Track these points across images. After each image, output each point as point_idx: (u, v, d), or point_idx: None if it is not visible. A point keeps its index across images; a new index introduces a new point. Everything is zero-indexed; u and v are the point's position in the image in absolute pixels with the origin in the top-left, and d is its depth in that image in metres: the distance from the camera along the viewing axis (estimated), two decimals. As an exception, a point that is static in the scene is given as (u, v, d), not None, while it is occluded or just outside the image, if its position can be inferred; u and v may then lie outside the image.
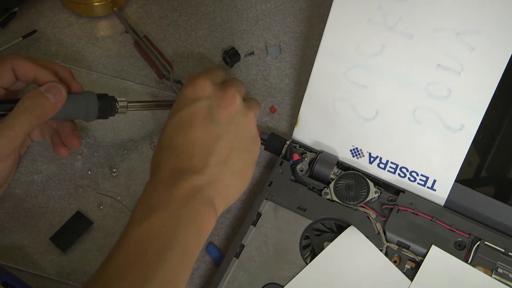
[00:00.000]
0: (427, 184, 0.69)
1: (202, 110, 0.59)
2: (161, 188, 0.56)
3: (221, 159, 0.59)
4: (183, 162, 0.57)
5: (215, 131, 0.59)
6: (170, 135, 0.59)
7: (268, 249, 0.66)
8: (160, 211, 0.54)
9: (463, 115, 0.65)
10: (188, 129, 0.58)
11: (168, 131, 0.59)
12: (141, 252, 0.52)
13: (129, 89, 0.78)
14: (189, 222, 0.55)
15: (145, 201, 0.56)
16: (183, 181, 0.56)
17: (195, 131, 0.58)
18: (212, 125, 0.59)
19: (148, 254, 0.52)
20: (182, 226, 0.54)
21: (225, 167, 0.59)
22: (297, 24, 0.83)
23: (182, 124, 0.59)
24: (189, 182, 0.56)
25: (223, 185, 0.58)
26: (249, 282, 0.64)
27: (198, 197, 0.56)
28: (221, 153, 0.59)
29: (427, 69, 0.64)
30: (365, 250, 0.65)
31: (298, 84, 0.79)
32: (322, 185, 0.69)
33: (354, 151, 0.71)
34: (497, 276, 0.64)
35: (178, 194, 0.55)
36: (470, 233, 0.66)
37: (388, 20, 0.64)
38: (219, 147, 0.59)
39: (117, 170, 0.73)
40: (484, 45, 0.61)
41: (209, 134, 0.58)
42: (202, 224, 0.56)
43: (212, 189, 0.57)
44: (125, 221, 0.70)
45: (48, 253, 0.68)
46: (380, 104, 0.68)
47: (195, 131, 0.58)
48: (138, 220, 0.54)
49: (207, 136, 0.58)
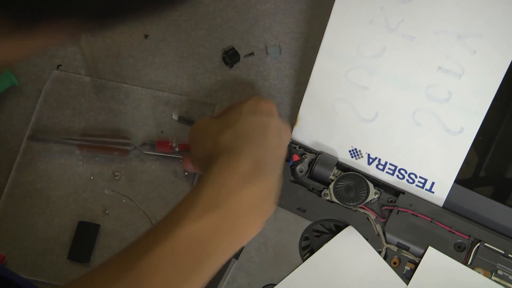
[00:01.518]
0: (426, 186, 0.69)
1: (276, 127, 0.60)
2: (237, 177, 0.54)
3: (278, 175, 0.59)
4: (266, 156, 0.56)
5: (282, 149, 0.61)
6: (249, 127, 0.59)
7: (268, 250, 0.66)
8: (223, 210, 0.53)
9: (463, 118, 0.65)
10: (266, 134, 0.59)
11: (247, 123, 0.59)
12: (191, 250, 0.51)
13: (128, 89, 0.78)
14: (242, 229, 0.54)
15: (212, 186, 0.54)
16: (260, 180, 0.55)
17: (270, 140, 0.59)
18: (281, 143, 0.61)
19: (197, 253, 0.51)
20: (235, 231, 0.54)
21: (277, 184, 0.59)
22: (297, 24, 0.83)
23: (260, 126, 0.59)
24: (264, 183, 0.55)
25: (276, 195, 0.58)
26: (249, 283, 0.64)
27: (261, 205, 0.55)
28: (280, 170, 0.59)
29: (427, 71, 0.64)
30: (362, 250, 0.65)
31: (298, 84, 0.79)
32: (321, 186, 0.69)
33: (353, 152, 0.71)
34: (497, 278, 0.64)
35: (249, 195, 0.54)
36: (470, 235, 0.66)
37: (390, 21, 0.64)
38: (280, 164, 0.60)
39: (120, 174, 0.73)
40: (485, 48, 0.62)
41: (279, 148, 0.60)
42: (250, 234, 0.56)
43: (273, 196, 0.57)
44: (134, 221, 0.71)
45: (75, 270, 0.68)
46: (380, 106, 0.68)
47: (272, 139, 0.59)
48: (197, 213, 0.51)
49: (278, 148, 0.60)
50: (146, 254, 0.49)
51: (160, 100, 0.77)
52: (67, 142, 0.73)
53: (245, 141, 0.57)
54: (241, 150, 0.56)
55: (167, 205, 0.72)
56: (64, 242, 0.70)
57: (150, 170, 0.73)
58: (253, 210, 0.55)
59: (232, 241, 0.54)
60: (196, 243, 0.51)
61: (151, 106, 0.77)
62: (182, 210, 0.52)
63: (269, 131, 0.59)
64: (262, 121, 0.60)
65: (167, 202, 0.72)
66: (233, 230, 0.53)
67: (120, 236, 0.70)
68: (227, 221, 0.53)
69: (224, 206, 0.53)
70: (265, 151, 0.57)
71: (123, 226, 0.71)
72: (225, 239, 0.53)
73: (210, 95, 0.78)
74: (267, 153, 0.57)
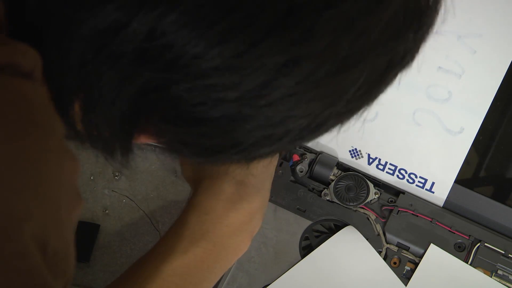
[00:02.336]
0: (426, 186, 0.69)
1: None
2: (222, 202, 0.54)
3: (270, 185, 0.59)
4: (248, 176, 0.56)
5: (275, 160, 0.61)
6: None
7: (268, 250, 0.66)
8: (209, 240, 0.53)
9: (463, 118, 0.65)
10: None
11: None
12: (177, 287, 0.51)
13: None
14: (231, 252, 0.55)
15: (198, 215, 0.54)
16: (245, 202, 0.55)
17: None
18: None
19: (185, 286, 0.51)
20: (223, 257, 0.54)
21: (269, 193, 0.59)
22: (297, 24, 0.83)
23: None
24: (249, 204, 0.55)
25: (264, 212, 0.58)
26: (248, 283, 0.64)
27: (249, 226, 0.55)
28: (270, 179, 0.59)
29: (427, 71, 0.64)
30: (362, 249, 0.65)
31: (298, 84, 0.79)
32: (322, 186, 0.69)
33: (353, 152, 0.71)
34: (497, 277, 0.64)
35: (234, 219, 0.54)
36: (470, 235, 0.66)
37: (389, 22, 0.64)
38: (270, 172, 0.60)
39: (119, 174, 0.73)
40: (485, 48, 0.61)
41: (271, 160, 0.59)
42: (239, 252, 0.56)
43: (261, 214, 0.57)
44: (134, 221, 0.71)
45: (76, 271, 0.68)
46: (380, 105, 0.67)
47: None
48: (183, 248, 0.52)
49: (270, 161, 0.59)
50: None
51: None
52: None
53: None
54: (225, 173, 0.56)
55: (167, 205, 0.72)
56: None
57: (150, 170, 0.73)
58: (239, 233, 0.55)
59: (220, 266, 0.54)
60: (182, 278, 0.51)
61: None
62: (169, 244, 0.52)
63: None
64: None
65: (167, 202, 0.72)
66: (220, 257, 0.54)
67: (120, 236, 0.70)
68: (213, 250, 0.53)
69: (209, 236, 0.53)
70: (251, 167, 0.56)
71: (123, 226, 0.71)
72: (212, 266, 0.53)
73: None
74: (253, 169, 0.57)
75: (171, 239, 0.53)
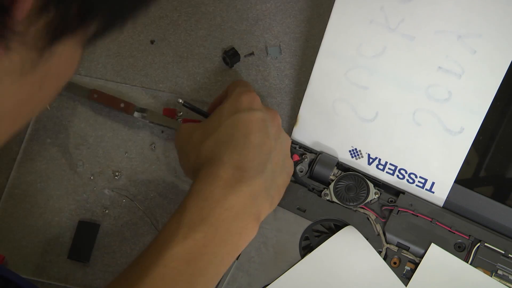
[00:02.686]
0: (426, 186, 0.69)
1: (259, 120, 0.60)
2: (219, 187, 0.54)
3: (273, 169, 0.59)
4: (246, 160, 0.57)
5: (268, 142, 0.60)
6: (229, 131, 0.59)
7: (268, 250, 0.66)
8: (209, 224, 0.53)
9: (463, 118, 0.65)
10: (247, 132, 0.58)
11: (227, 127, 0.59)
12: (181, 272, 0.51)
13: (128, 89, 0.78)
14: (235, 237, 0.54)
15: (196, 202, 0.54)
16: (244, 184, 0.55)
17: (254, 136, 0.58)
18: (266, 136, 0.60)
19: (188, 274, 0.51)
20: (227, 242, 0.54)
21: (275, 177, 0.60)
22: (297, 24, 0.83)
23: (241, 125, 0.59)
24: (249, 187, 0.55)
25: (271, 193, 0.59)
26: (249, 283, 0.64)
27: (251, 208, 0.55)
28: (273, 163, 0.59)
29: (427, 71, 0.64)
30: (362, 249, 0.65)
31: (298, 84, 0.79)
32: (322, 186, 0.69)
33: (353, 152, 0.71)
34: (497, 278, 0.64)
35: (234, 202, 0.54)
36: (470, 235, 0.66)
37: (390, 21, 0.64)
38: (272, 157, 0.59)
39: (119, 174, 0.73)
40: (486, 48, 0.62)
41: (264, 143, 0.59)
42: (246, 237, 0.56)
43: (264, 197, 0.57)
44: (134, 221, 0.71)
45: (75, 270, 0.68)
46: (380, 106, 0.68)
47: (255, 136, 0.58)
48: (182, 234, 0.52)
49: (263, 144, 0.59)
50: (137, 284, 0.49)
51: (160, 100, 0.77)
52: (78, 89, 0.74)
53: (226, 148, 0.57)
54: (221, 159, 0.56)
55: (167, 205, 0.72)
56: (64, 242, 0.70)
57: (150, 170, 0.73)
58: (242, 216, 0.55)
59: (226, 252, 0.54)
60: (185, 264, 0.51)
61: (151, 106, 0.76)
62: (169, 232, 0.52)
63: (252, 128, 0.59)
64: (243, 119, 0.59)
65: (167, 202, 0.72)
66: (225, 241, 0.53)
67: (120, 236, 0.70)
68: (215, 234, 0.53)
69: (209, 221, 0.53)
70: (248, 152, 0.57)
71: (123, 226, 0.71)
72: (217, 252, 0.53)
73: (210, 95, 0.78)
74: (250, 154, 0.57)
75: (171, 227, 0.53)
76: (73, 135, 0.75)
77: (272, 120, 0.62)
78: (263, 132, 0.59)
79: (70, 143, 0.74)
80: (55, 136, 0.74)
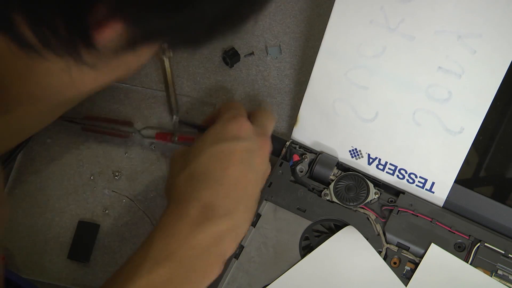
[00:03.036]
0: (426, 186, 0.69)
1: (243, 151, 0.58)
2: (187, 224, 0.54)
3: (247, 206, 0.58)
4: (217, 198, 0.56)
5: (249, 175, 0.58)
6: (207, 163, 0.57)
7: (268, 250, 0.66)
8: (174, 260, 0.52)
9: (463, 118, 0.65)
10: (227, 165, 0.57)
11: (206, 158, 0.57)
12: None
13: (128, 89, 0.78)
14: (199, 275, 0.54)
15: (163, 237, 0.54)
16: (212, 224, 0.54)
17: (233, 170, 0.57)
18: (247, 169, 0.58)
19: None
20: (191, 279, 0.53)
21: (247, 214, 0.58)
22: (297, 24, 0.83)
23: (222, 158, 0.57)
24: (216, 227, 0.54)
25: (241, 232, 0.58)
26: (249, 283, 0.64)
27: (217, 248, 0.55)
28: (249, 200, 0.58)
29: (427, 71, 0.64)
30: (362, 249, 0.65)
31: (298, 84, 0.79)
32: (322, 186, 0.69)
33: (353, 152, 0.71)
34: (497, 278, 0.64)
35: (200, 241, 0.54)
36: (470, 235, 0.66)
37: (390, 21, 0.64)
38: (249, 193, 0.58)
39: (119, 174, 0.73)
40: (486, 48, 0.62)
41: (245, 177, 0.58)
42: (210, 276, 0.55)
43: (232, 236, 0.56)
44: (134, 221, 0.71)
45: (75, 270, 0.68)
46: (380, 105, 0.68)
47: (234, 170, 0.57)
48: (147, 268, 0.52)
49: (243, 179, 0.58)
50: None
51: (160, 100, 0.77)
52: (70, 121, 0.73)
53: (199, 183, 0.56)
54: (191, 196, 0.55)
55: (167, 205, 0.72)
56: (64, 242, 0.70)
57: (150, 170, 0.73)
58: (207, 255, 0.54)
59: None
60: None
61: (151, 106, 0.76)
62: (134, 265, 0.52)
63: (233, 160, 0.57)
64: (225, 150, 0.57)
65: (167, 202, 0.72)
66: (188, 279, 0.53)
67: (120, 236, 0.70)
68: (179, 271, 0.53)
69: (174, 257, 0.53)
70: (221, 189, 0.56)
71: (123, 226, 0.71)
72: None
73: (210, 95, 0.78)
74: (223, 192, 0.56)
75: (137, 260, 0.53)
76: (73, 135, 0.75)
77: (259, 150, 0.60)
78: (245, 165, 0.58)
79: (70, 143, 0.74)
80: (55, 136, 0.74)
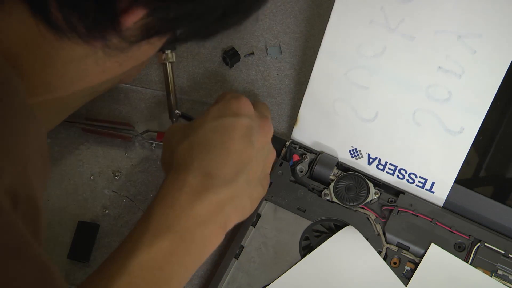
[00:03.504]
0: (426, 186, 0.69)
1: (244, 127, 0.58)
2: (186, 194, 0.54)
3: (247, 179, 0.58)
4: (217, 167, 0.55)
5: (249, 151, 0.58)
6: (208, 135, 0.57)
7: (268, 250, 0.66)
8: (174, 232, 0.52)
9: (463, 118, 0.65)
10: (227, 138, 0.57)
11: (206, 131, 0.57)
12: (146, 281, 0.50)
13: (128, 89, 0.78)
14: (200, 245, 0.54)
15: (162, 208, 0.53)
16: (211, 193, 0.54)
17: (233, 143, 0.57)
18: (248, 144, 0.58)
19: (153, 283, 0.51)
20: (192, 250, 0.53)
21: (248, 188, 0.58)
22: (297, 24, 0.83)
23: (222, 131, 0.57)
24: (216, 195, 0.54)
25: (241, 204, 0.58)
26: (248, 283, 0.64)
27: (218, 217, 0.54)
28: (248, 174, 0.58)
29: (427, 71, 0.64)
30: (362, 249, 0.65)
31: (298, 84, 0.79)
32: (322, 186, 0.69)
33: (353, 152, 0.71)
34: (497, 278, 0.64)
35: (200, 210, 0.53)
36: (470, 235, 0.66)
37: (390, 21, 0.64)
38: (249, 168, 0.58)
39: (119, 174, 0.73)
40: (486, 48, 0.62)
41: (244, 152, 0.58)
42: (211, 246, 0.55)
43: (232, 206, 0.56)
44: (134, 221, 0.71)
45: (75, 270, 0.68)
46: (380, 106, 0.68)
47: (234, 143, 0.57)
48: (148, 241, 0.51)
49: (242, 153, 0.57)
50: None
51: (160, 100, 0.77)
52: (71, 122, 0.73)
53: (199, 153, 0.56)
54: (191, 165, 0.55)
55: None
56: (64, 242, 0.70)
57: (150, 170, 0.73)
58: (208, 224, 0.54)
59: (191, 260, 0.54)
60: (151, 272, 0.51)
61: (151, 106, 0.77)
62: (134, 239, 0.52)
63: (233, 134, 0.57)
64: (226, 124, 0.58)
65: (167, 202, 0.72)
66: (190, 249, 0.53)
67: (120, 236, 0.70)
68: (180, 242, 0.52)
69: (174, 228, 0.52)
70: (221, 159, 0.56)
71: (123, 226, 0.71)
72: (182, 260, 0.52)
73: (210, 95, 0.78)
74: (223, 162, 0.56)
75: (137, 234, 0.52)
76: (73, 136, 0.75)
77: (260, 129, 0.60)
78: (245, 140, 0.58)
79: (70, 143, 0.74)
80: (55, 136, 0.74)
